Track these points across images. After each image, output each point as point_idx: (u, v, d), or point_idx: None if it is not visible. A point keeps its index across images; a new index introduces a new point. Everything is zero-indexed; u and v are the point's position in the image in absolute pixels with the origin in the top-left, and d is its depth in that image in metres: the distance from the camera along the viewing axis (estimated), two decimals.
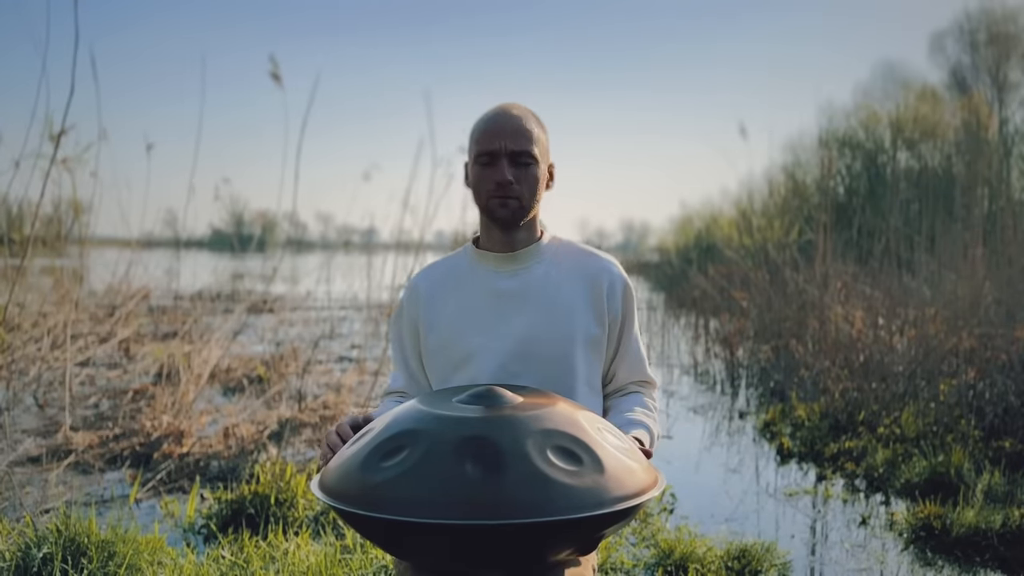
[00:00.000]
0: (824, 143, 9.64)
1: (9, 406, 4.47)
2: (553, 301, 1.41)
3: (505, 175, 1.36)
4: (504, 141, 1.37)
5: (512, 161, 1.38)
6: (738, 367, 6.71)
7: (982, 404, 4.35)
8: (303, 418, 4.41)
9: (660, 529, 2.98)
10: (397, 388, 1.56)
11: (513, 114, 1.41)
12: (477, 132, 1.41)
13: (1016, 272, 5.75)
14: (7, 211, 6.15)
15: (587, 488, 0.95)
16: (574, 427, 1.04)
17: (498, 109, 1.42)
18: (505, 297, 1.42)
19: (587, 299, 1.42)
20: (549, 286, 1.42)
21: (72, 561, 2.30)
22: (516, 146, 1.37)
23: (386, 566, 2.42)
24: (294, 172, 8.59)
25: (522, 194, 1.39)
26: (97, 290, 8.71)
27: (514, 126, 1.38)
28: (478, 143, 1.40)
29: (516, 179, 1.38)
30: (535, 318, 1.40)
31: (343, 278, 10.09)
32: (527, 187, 1.39)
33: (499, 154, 1.37)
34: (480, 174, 1.40)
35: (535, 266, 1.44)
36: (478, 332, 1.41)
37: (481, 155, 1.39)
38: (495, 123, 1.40)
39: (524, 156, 1.38)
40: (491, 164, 1.38)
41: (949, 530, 2.93)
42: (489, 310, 1.42)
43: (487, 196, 1.39)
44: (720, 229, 14.71)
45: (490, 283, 1.44)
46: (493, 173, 1.38)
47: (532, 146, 1.39)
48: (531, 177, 1.39)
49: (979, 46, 14.25)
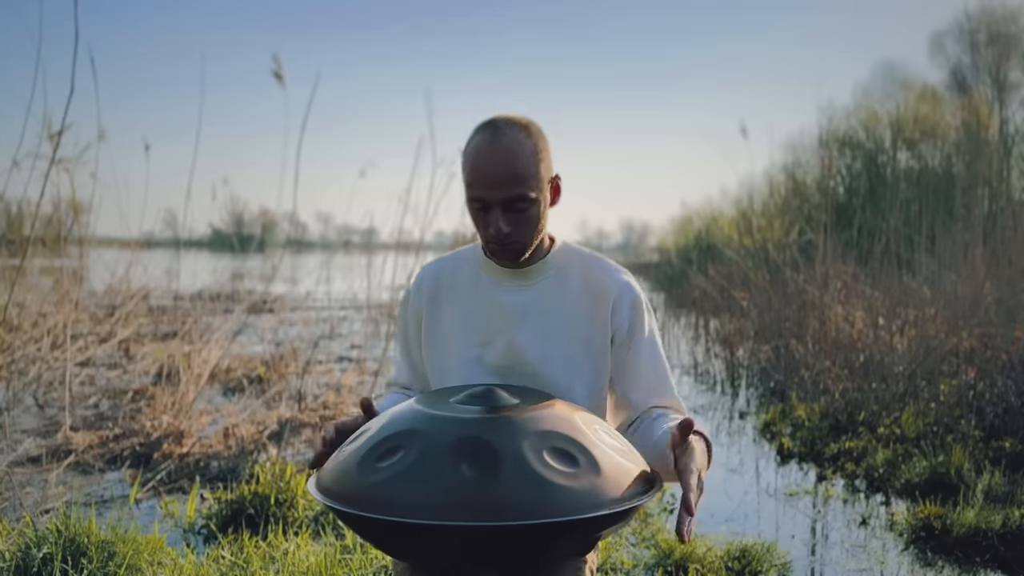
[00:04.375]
0: (824, 143, 9.59)
1: (9, 406, 4.47)
2: (555, 319, 1.35)
3: (500, 228, 1.26)
4: (495, 192, 1.25)
5: (506, 208, 1.26)
6: (738, 367, 6.71)
7: (982, 404, 4.35)
8: (303, 418, 4.40)
9: (660, 529, 2.98)
10: (400, 381, 1.53)
11: (503, 151, 1.24)
12: (467, 168, 1.28)
13: (1016, 272, 5.74)
14: (7, 211, 6.16)
15: (584, 490, 0.95)
16: (571, 428, 1.04)
17: (488, 140, 1.26)
18: (506, 312, 1.36)
19: (592, 314, 1.34)
20: (553, 302, 1.36)
21: (72, 561, 2.30)
22: (509, 193, 1.25)
23: (386, 566, 2.42)
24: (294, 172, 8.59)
25: (521, 238, 1.29)
26: (97, 290, 8.71)
27: (505, 172, 1.24)
28: (469, 185, 1.28)
29: (512, 225, 1.27)
30: (534, 335, 1.34)
31: (343, 278, 10.08)
32: (526, 231, 1.29)
33: (491, 204, 1.26)
34: (476, 217, 1.30)
35: (541, 281, 1.37)
36: (475, 344, 1.37)
37: (473, 200, 1.28)
38: (485, 168, 1.25)
39: (519, 202, 1.26)
40: (484, 210, 1.27)
41: (949, 530, 2.93)
42: (489, 323, 1.37)
43: (486, 240, 1.31)
44: (720, 229, 14.70)
45: (493, 296, 1.37)
46: (488, 221, 1.27)
47: (527, 189, 1.25)
48: (530, 220, 1.28)
49: (979, 46, 14.23)
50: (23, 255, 4.51)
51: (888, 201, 7.53)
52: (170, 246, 8.88)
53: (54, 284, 6.70)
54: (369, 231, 8.77)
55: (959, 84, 14.54)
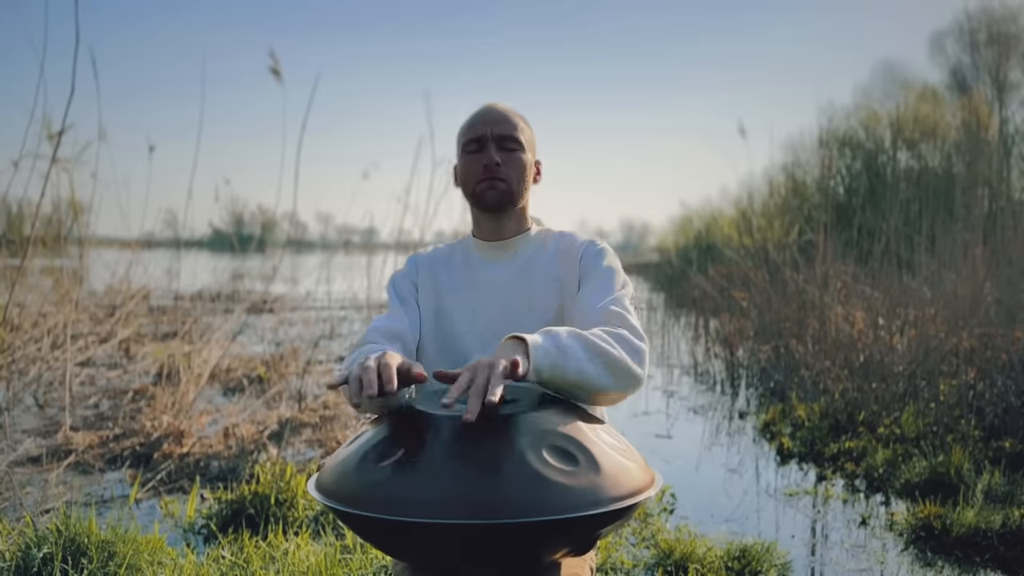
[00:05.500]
0: (824, 143, 9.59)
1: (9, 406, 4.47)
2: (533, 284, 1.43)
3: (492, 157, 1.40)
4: (490, 127, 1.42)
5: (499, 146, 1.42)
6: (738, 367, 6.71)
7: (982, 404, 4.35)
8: (303, 418, 4.41)
9: (660, 529, 2.98)
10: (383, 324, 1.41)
11: (498, 106, 1.47)
12: (464, 126, 1.47)
13: (1016, 272, 5.74)
14: (7, 211, 6.15)
15: (583, 488, 0.95)
16: (570, 427, 1.04)
17: (484, 106, 1.48)
18: (491, 283, 1.45)
19: (564, 274, 1.44)
20: (531, 270, 1.45)
21: (72, 561, 2.30)
22: (502, 131, 1.42)
23: (386, 566, 2.43)
24: (294, 172, 8.59)
25: (509, 177, 1.42)
26: (97, 290, 8.71)
27: (500, 114, 1.44)
28: (465, 134, 1.45)
29: (503, 162, 1.41)
30: (515, 302, 1.42)
31: (343, 278, 10.08)
32: (515, 171, 1.43)
33: (486, 139, 1.42)
34: (468, 161, 1.44)
35: (522, 252, 1.48)
36: (464, 317, 1.44)
37: (469, 143, 1.43)
38: (482, 113, 1.45)
39: (510, 141, 1.42)
40: (478, 150, 1.42)
41: (949, 530, 2.93)
42: (475, 296, 1.45)
43: (475, 181, 1.43)
44: (720, 229, 14.68)
45: (479, 270, 1.48)
46: (480, 158, 1.42)
47: (518, 132, 1.43)
48: (518, 162, 1.43)
49: (979, 46, 14.23)
50: (23, 255, 4.51)
51: (888, 201, 7.53)
52: (170, 246, 8.87)
53: (54, 284, 6.70)
54: (369, 231, 8.77)
55: (959, 84, 14.55)
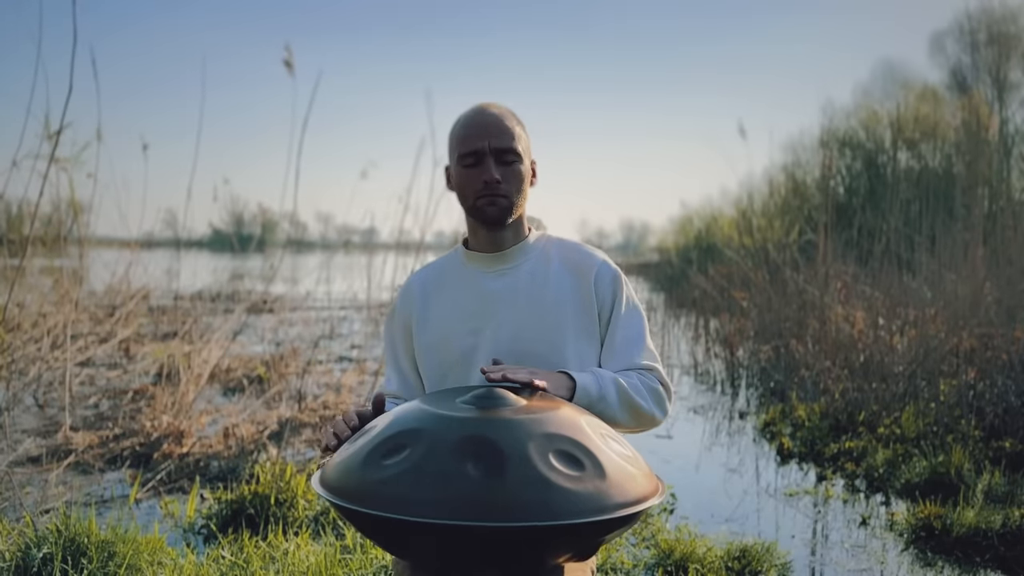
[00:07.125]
0: (824, 143, 9.59)
1: (9, 406, 4.46)
2: (541, 297, 1.41)
3: (492, 174, 1.36)
4: (488, 140, 1.36)
5: (498, 159, 1.37)
6: (738, 367, 6.71)
7: (982, 404, 4.35)
8: (303, 418, 4.40)
9: (660, 529, 2.98)
10: (390, 391, 1.55)
11: (493, 112, 1.40)
12: (458, 133, 1.40)
13: (1016, 272, 5.74)
14: (7, 211, 6.15)
15: (588, 493, 0.95)
16: (577, 432, 1.03)
17: (477, 108, 1.42)
18: (494, 296, 1.42)
19: (575, 291, 1.41)
20: (536, 283, 1.42)
21: (72, 561, 2.30)
22: (501, 144, 1.37)
23: (386, 566, 2.42)
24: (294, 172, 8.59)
25: (509, 192, 1.38)
26: (97, 290, 8.71)
27: (496, 124, 1.38)
28: (461, 144, 1.39)
29: (503, 177, 1.37)
30: (523, 315, 1.40)
31: (343, 278, 10.09)
32: (514, 185, 1.39)
33: (484, 153, 1.37)
34: (466, 175, 1.39)
35: (523, 264, 1.44)
36: (469, 332, 1.41)
37: (465, 156, 1.38)
38: (477, 122, 1.39)
39: (509, 154, 1.38)
40: (476, 164, 1.38)
41: (949, 530, 2.93)
42: (479, 310, 1.42)
43: (475, 196, 1.39)
44: (720, 229, 14.69)
45: (479, 283, 1.44)
46: (479, 173, 1.37)
47: (516, 143, 1.38)
48: (517, 174, 1.39)
49: (979, 46, 14.23)
50: (23, 255, 4.50)
51: (888, 201, 7.52)
52: (170, 246, 8.87)
53: (54, 284, 6.70)
54: (369, 231, 8.76)
55: (959, 84, 14.55)
